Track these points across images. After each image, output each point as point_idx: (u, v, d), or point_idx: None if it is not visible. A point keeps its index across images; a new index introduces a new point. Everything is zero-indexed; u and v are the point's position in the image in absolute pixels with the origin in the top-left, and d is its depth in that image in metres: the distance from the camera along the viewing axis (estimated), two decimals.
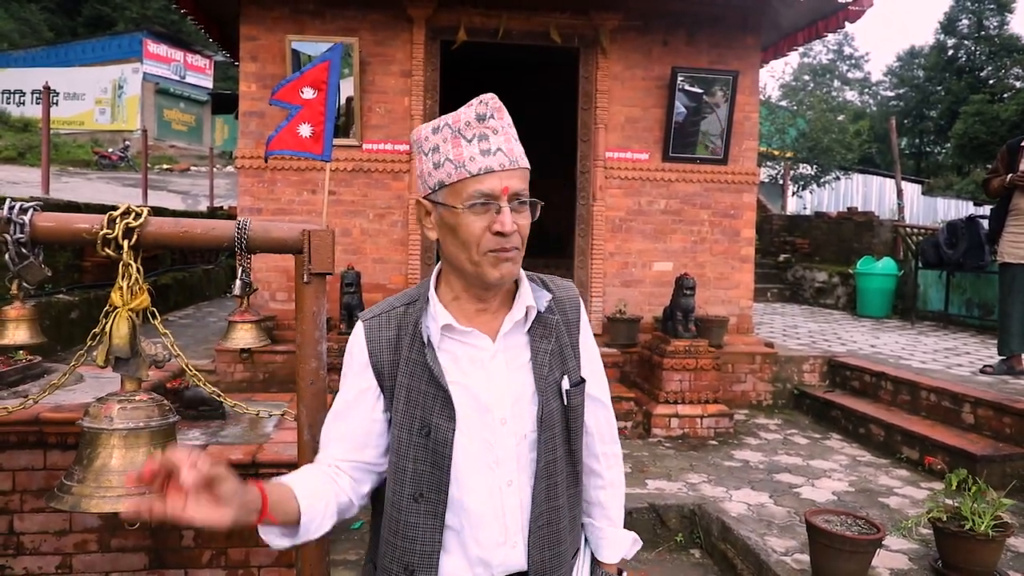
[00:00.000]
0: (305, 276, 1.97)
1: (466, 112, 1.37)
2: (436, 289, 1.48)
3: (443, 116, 1.40)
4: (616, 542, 1.65)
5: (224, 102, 29.79)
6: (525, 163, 1.40)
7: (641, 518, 4.45)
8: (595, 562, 1.65)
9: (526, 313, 1.46)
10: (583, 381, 1.52)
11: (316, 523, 1.36)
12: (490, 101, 1.39)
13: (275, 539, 1.33)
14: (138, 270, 1.89)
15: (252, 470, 3.08)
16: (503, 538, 1.42)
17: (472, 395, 1.41)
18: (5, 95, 29.35)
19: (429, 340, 1.42)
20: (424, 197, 1.43)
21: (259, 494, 1.24)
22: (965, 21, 38.53)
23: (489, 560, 1.42)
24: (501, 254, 1.36)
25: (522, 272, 1.50)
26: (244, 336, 2.46)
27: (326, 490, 1.41)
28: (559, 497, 1.47)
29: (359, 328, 1.48)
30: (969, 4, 37.99)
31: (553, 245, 9.89)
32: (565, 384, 1.48)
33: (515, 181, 1.36)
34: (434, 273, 1.50)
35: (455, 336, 1.43)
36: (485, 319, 1.45)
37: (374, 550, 1.52)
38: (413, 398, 1.40)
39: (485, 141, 1.35)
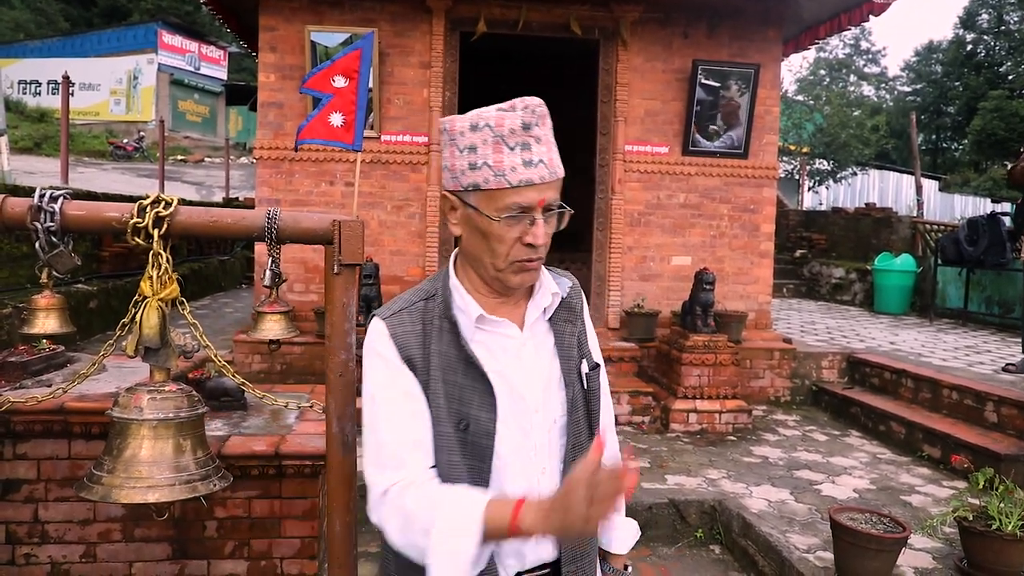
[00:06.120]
0: (335, 267, 1.93)
1: (511, 118, 1.31)
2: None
3: (481, 112, 1.33)
4: (625, 531, 1.63)
5: (238, 93, 29.88)
6: (561, 171, 1.37)
7: (661, 513, 4.43)
8: (600, 557, 1.61)
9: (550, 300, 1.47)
10: (599, 366, 1.53)
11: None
12: (537, 108, 1.33)
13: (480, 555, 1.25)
14: (168, 260, 1.87)
15: (275, 461, 3.07)
16: None
17: (509, 384, 1.39)
18: (21, 85, 29.49)
19: (462, 332, 1.39)
20: (452, 191, 1.38)
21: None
22: (984, 16, 38.05)
23: (523, 551, 1.40)
24: (527, 264, 1.35)
25: None
26: (273, 327, 2.43)
27: None
28: None
29: (380, 327, 1.40)
30: None
31: (569, 239, 9.81)
32: (584, 368, 1.48)
33: (551, 193, 1.34)
34: (450, 266, 1.46)
35: (486, 327, 1.41)
36: (508, 309, 1.44)
37: (395, 563, 1.42)
38: (450, 392, 1.37)
39: (528, 151, 1.30)
